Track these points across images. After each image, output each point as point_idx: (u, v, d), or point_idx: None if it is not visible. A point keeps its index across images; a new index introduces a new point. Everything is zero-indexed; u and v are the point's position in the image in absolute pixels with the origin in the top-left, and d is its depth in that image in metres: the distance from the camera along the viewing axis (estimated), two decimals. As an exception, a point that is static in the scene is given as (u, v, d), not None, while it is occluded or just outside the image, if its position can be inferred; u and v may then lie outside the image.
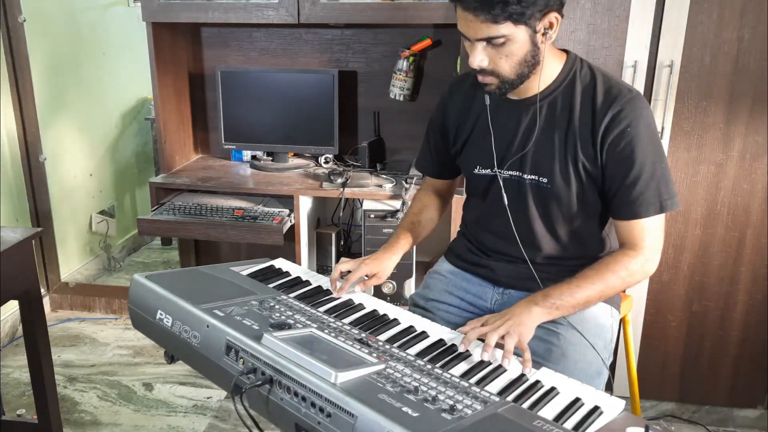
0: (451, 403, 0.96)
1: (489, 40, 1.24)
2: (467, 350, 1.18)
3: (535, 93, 1.36)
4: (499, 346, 1.19)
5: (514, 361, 1.16)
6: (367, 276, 1.47)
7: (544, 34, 1.27)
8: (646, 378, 2.19)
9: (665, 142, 1.98)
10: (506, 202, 1.41)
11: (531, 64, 1.29)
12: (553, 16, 1.26)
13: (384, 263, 1.50)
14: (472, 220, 1.57)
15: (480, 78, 1.32)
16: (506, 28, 1.22)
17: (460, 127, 1.51)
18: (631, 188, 1.31)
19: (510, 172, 1.42)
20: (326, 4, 2.25)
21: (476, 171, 1.47)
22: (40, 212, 2.95)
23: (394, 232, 1.61)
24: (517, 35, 1.23)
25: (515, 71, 1.29)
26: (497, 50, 1.26)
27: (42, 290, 2.90)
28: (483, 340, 1.21)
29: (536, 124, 1.37)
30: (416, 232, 1.60)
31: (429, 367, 1.09)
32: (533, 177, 1.39)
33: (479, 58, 1.27)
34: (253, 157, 2.74)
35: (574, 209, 1.39)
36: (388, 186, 2.37)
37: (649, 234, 1.34)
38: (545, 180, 1.38)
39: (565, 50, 1.40)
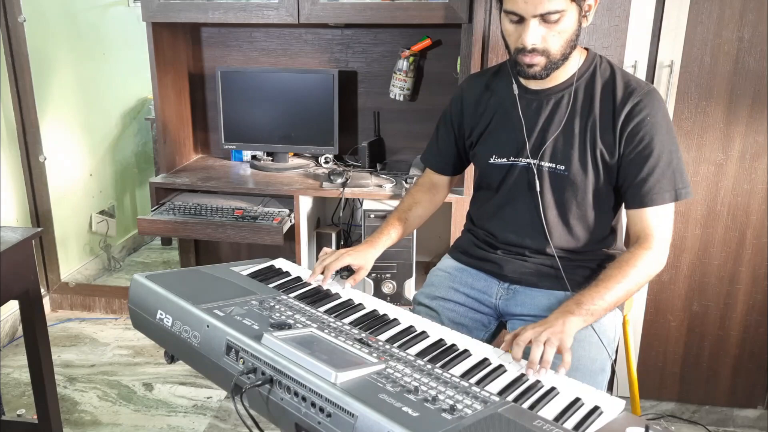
0: (451, 403, 0.95)
1: (544, 17, 1.26)
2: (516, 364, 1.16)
3: (556, 83, 1.41)
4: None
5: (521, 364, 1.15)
6: (353, 269, 1.49)
7: (584, 16, 1.32)
8: (646, 378, 2.19)
9: (665, 142, 1.99)
10: (538, 188, 1.43)
11: (573, 45, 1.34)
12: None
13: (367, 256, 1.52)
14: (481, 213, 1.58)
15: (528, 59, 1.32)
16: (564, 2, 1.25)
17: (476, 120, 1.53)
18: (648, 177, 1.35)
19: (528, 160, 1.44)
20: (326, 4, 2.25)
21: (491, 161, 1.49)
22: (40, 212, 2.95)
23: (380, 225, 1.63)
24: (569, 11, 1.27)
25: (562, 50, 1.32)
26: (550, 27, 1.28)
27: (42, 290, 2.90)
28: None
29: (557, 114, 1.41)
30: (402, 228, 1.62)
31: (429, 367, 1.09)
32: (551, 165, 1.42)
33: (533, 35, 1.28)
34: (253, 157, 2.74)
35: (588, 199, 1.42)
36: (388, 186, 2.37)
37: (660, 225, 1.36)
38: (563, 167, 1.40)
39: (585, 48, 1.45)
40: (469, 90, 1.56)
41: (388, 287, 2.35)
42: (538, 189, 1.43)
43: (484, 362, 1.15)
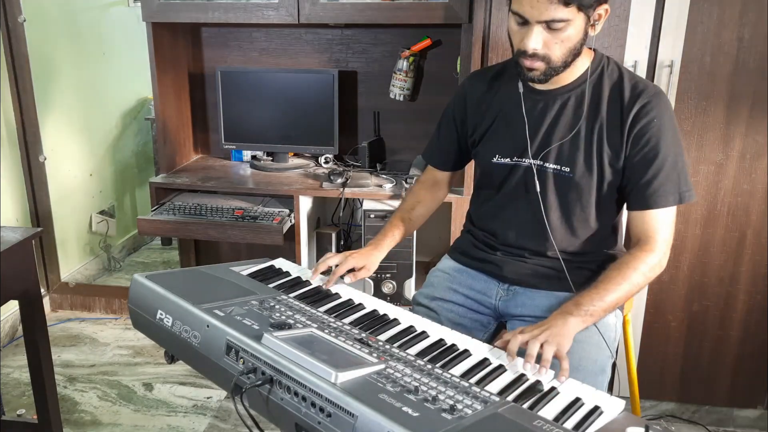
0: (452, 402, 0.95)
1: (549, 24, 1.25)
2: (510, 361, 1.16)
3: (562, 84, 1.40)
4: (521, 354, 1.18)
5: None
6: (354, 268, 1.48)
7: (593, 25, 1.31)
8: (646, 378, 2.19)
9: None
10: (538, 189, 1.42)
11: (576, 53, 1.32)
12: (604, 8, 1.30)
13: (371, 257, 1.52)
14: (482, 213, 1.57)
15: (528, 63, 1.32)
16: (570, 12, 1.24)
17: (479, 118, 1.52)
18: (653, 179, 1.35)
19: (533, 161, 1.43)
20: (326, 4, 2.25)
21: (495, 160, 1.48)
22: (40, 212, 2.95)
23: (383, 226, 1.63)
24: (576, 21, 1.26)
25: (563, 58, 1.31)
26: (553, 35, 1.27)
27: (42, 290, 2.90)
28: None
29: (563, 115, 1.40)
30: (405, 228, 1.62)
31: (429, 367, 1.09)
32: (556, 167, 1.41)
33: (535, 40, 1.27)
34: (253, 157, 2.74)
35: (592, 201, 1.41)
36: (388, 186, 2.36)
37: (662, 227, 1.36)
38: (568, 169, 1.40)
39: (592, 48, 1.44)
40: (472, 87, 1.55)
41: (388, 287, 2.35)
42: (538, 190, 1.42)
43: (484, 362, 1.15)
